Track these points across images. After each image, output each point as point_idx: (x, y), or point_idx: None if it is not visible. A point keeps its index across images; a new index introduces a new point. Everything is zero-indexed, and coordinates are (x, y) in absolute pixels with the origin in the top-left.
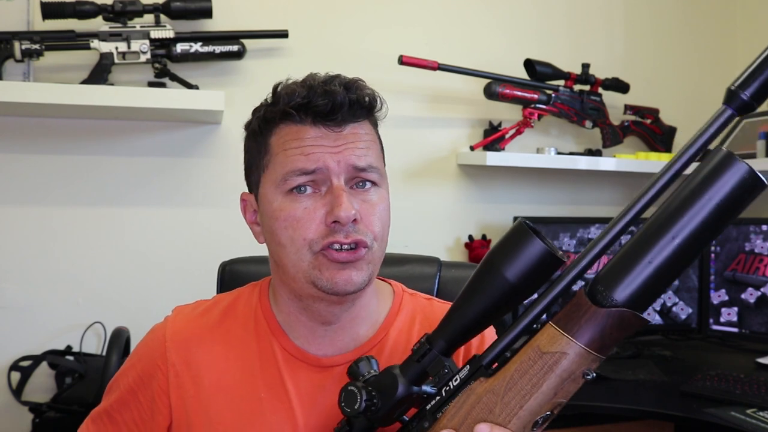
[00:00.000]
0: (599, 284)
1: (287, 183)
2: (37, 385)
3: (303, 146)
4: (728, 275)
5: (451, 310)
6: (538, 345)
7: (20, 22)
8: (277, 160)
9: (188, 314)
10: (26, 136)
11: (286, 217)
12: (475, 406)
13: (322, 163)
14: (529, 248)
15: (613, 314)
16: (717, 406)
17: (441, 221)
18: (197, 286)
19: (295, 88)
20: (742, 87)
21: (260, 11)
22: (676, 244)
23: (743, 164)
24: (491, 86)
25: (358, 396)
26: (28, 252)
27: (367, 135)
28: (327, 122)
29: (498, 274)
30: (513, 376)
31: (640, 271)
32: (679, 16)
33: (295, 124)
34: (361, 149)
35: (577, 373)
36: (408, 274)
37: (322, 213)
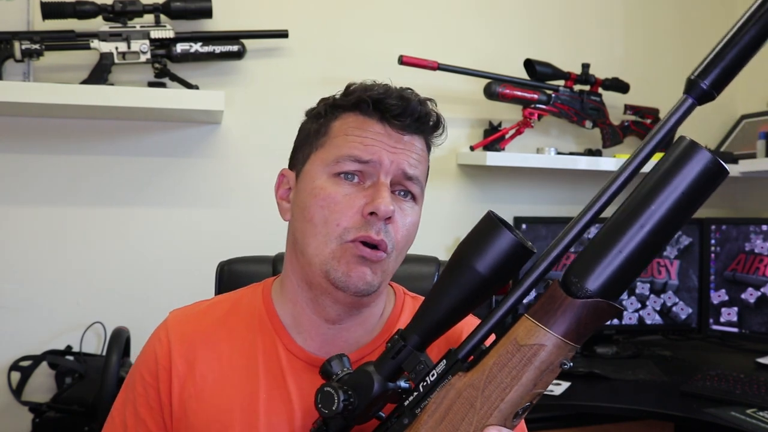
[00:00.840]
0: (572, 275)
1: (338, 165)
2: (37, 385)
3: (364, 136)
4: (728, 275)
5: (423, 304)
6: (515, 338)
7: (20, 22)
8: (334, 143)
9: (189, 314)
10: (26, 136)
11: (326, 196)
12: (456, 400)
13: (377, 156)
14: (498, 240)
15: (588, 305)
16: (717, 406)
17: (441, 221)
18: (198, 286)
19: (374, 85)
20: (701, 76)
21: (260, 11)
22: (645, 233)
23: (706, 152)
24: (491, 86)
25: (336, 396)
26: (28, 252)
27: (422, 151)
28: (394, 123)
29: (469, 267)
30: (492, 369)
31: (611, 261)
32: (679, 16)
33: (363, 116)
34: (414, 159)
35: (555, 363)
36: (406, 274)
37: (361, 203)
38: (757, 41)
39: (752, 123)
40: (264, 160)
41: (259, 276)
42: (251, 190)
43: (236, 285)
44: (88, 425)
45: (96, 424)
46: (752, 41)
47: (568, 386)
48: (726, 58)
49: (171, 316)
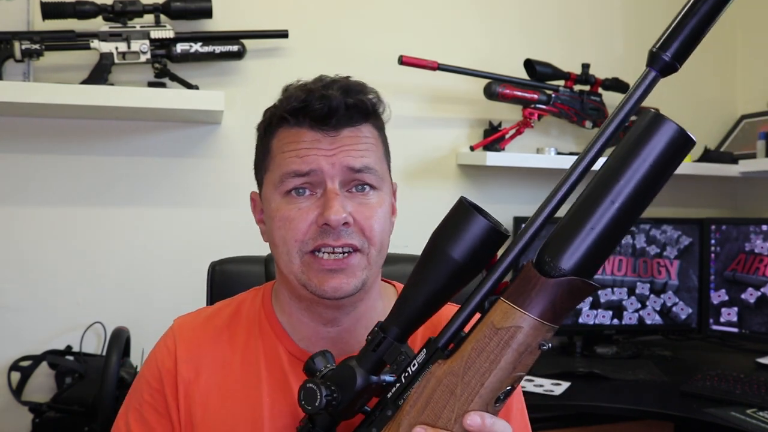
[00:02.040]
0: (545, 255)
1: (284, 185)
2: (37, 385)
3: (299, 149)
4: (728, 275)
5: (401, 294)
6: (492, 321)
7: (20, 22)
8: (276, 162)
9: (193, 322)
10: (26, 136)
11: (281, 217)
12: (436, 389)
13: (316, 165)
14: (472, 225)
15: (563, 283)
16: (717, 406)
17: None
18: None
19: (294, 93)
20: (662, 48)
21: (260, 11)
22: (615, 208)
23: (672, 123)
24: (491, 86)
25: (318, 392)
26: (28, 252)
27: (366, 138)
28: (323, 126)
29: (444, 254)
30: (470, 355)
31: (583, 238)
32: None
33: (292, 128)
34: (359, 151)
35: (533, 345)
36: (401, 273)
37: (314, 215)
38: (716, 10)
39: (752, 123)
40: None
41: (250, 276)
42: (251, 190)
43: (228, 285)
44: (88, 425)
45: (96, 424)
46: (711, 10)
47: (568, 386)
48: (686, 29)
49: (176, 323)
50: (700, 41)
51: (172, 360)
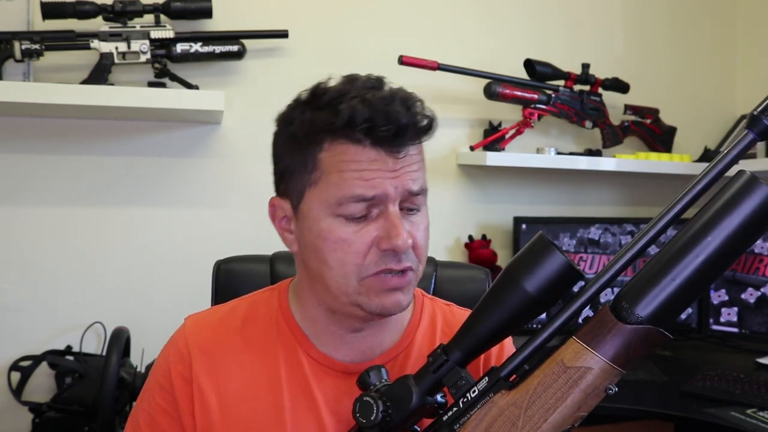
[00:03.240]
0: (623, 300)
1: (341, 207)
2: (37, 385)
3: (362, 170)
4: (728, 275)
5: (468, 320)
6: (562, 359)
7: (20, 22)
8: (330, 180)
9: (206, 322)
10: (26, 136)
11: (336, 239)
12: (497, 418)
13: (382, 189)
14: (549, 261)
15: (639, 331)
16: (717, 406)
17: (441, 221)
18: (198, 286)
19: (355, 105)
20: (765, 112)
21: (260, 11)
22: (699, 262)
23: (766, 187)
24: (491, 86)
25: (374, 407)
26: (28, 252)
27: (419, 155)
28: (388, 146)
29: (518, 286)
30: (536, 389)
31: (663, 288)
32: (679, 15)
33: (352, 144)
34: (416, 172)
35: (600, 388)
36: None
37: (374, 236)
38: None
39: None
40: (264, 160)
41: (256, 275)
42: (251, 190)
43: (233, 284)
44: (88, 425)
45: (96, 424)
46: None
47: None
48: None
49: (188, 323)
50: None
51: (184, 363)
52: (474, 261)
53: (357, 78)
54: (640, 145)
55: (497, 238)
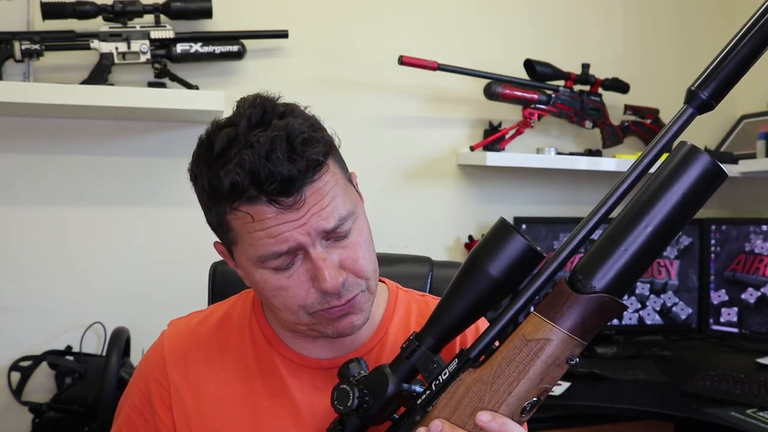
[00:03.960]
0: (578, 273)
1: (264, 264)
2: (37, 385)
3: (267, 228)
4: (728, 275)
5: (438, 307)
6: (523, 333)
7: (20, 22)
8: (245, 240)
9: (183, 327)
10: (26, 136)
11: (273, 288)
12: (465, 395)
13: (293, 240)
14: (511, 245)
15: (594, 300)
16: (717, 406)
17: (441, 221)
18: (198, 287)
19: (233, 171)
20: (700, 87)
21: (260, 11)
22: (648, 232)
23: (706, 156)
24: (491, 86)
25: (351, 394)
26: (28, 252)
27: (328, 184)
28: (281, 198)
29: (482, 271)
30: (500, 364)
31: (616, 259)
32: (679, 16)
33: (250, 205)
34: (327, 209)
35: (561, 358)
36: (400, 274)
37: (307, 279)
38: (754, 54)
39: (752, 123)
40: None
41: None
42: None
43: (229, 286)
44: (88, 425)
45: (96, 424)
46: (749, 54)
47: (568, 386)
48: (724, 70)
49: (169, 328)
50: (736, 83)
51: (159, 368)
52: None
53: (241, 117)
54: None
55: None
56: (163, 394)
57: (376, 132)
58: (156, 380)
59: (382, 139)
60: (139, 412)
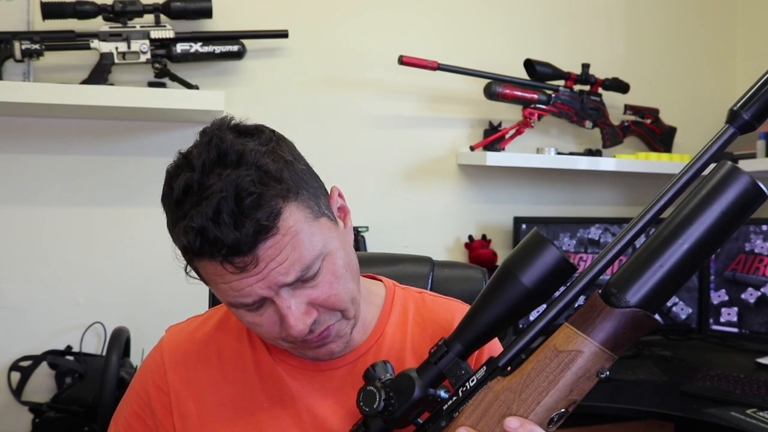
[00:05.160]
0: (612, 287)
1: (236, 311)
2: (37, 385)
3: (229, 282)
4: (728, 275)
5: (468, 314)
6: (554, 344)
7: (20, 22)
8: (214, 288)
9: (181, 333)
10: (26, 136)
11: (249, 322)
12: (493, 403)
13: (256, 294)
14: (545, 255)
15: (627, 314)
16: (717, 406)
17: (441, 221)
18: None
19: (185, 234)
20: (743, 107)
21: (260, 11)
22: (685, 249)
23: (747, 176)
24: (491, 86)
25: (377, 396)
26: (28, 252)
27: (286, 236)
28: (235, 259)
29: (515, 281)
30: (530, 374)
31: (651, 275)
32: (680, 16)
33: (210, 262)
34: (285, 264)
35: (592, 371)
36: (401, 274)
37: (278, 318)
38: None
39: None
40: None
41: None
42: None
43: None
44: (88, 425)
45: (96, 424)
46: None
47: None
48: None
49: (167, 334)
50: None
51: (159, 374)
52: (474, 261)
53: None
54: (640, 145)
55: (497, 238)
56: (163, 399)
57: (376, 132)
58: (156, 386)
59: (382, 139)
60: (139, 418)
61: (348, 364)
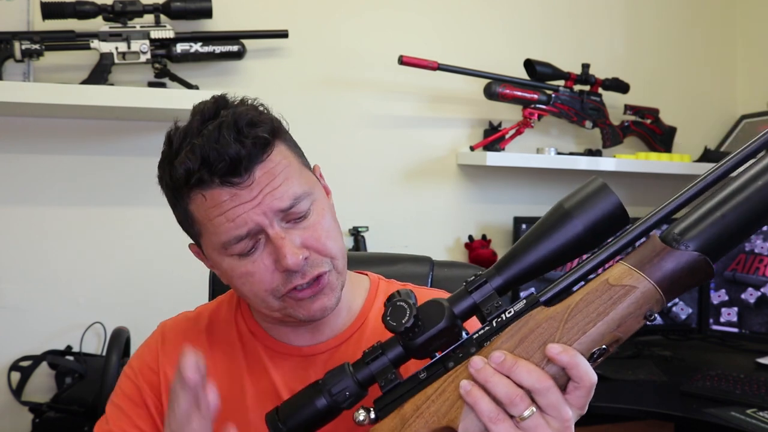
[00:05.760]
0: (674, 230)
1: (227, 250)
2: (37, 385)
3: (225, 212)
4: (728, 275)
5: (514, 249)
6: (607, 278)
7: (20, 22)
8: (207, 229)
9: (175, 325)
10: (26, 136)
11: (240, 274)
12: (534, 330)
13: (252, 222)
14: (603, 200)
15: (687, 256)
16: (717, 406)
17: (441, 221)
18: (198, 287)
19: (185, 155)
20: None
21: (260, 11)
22: (750, 206)
23: None
24: (491, 86)
25: (408, 311)
26: (28, 252)
27: (279, 165)
28: (233, 178)
29: (569, 221)
30: (578, 305)
31: (713, 224)
32: (680, 16)
33: (205, 191)
34: (279, 189)
35: (642, 309)
36: (400, 274)
37: (270, 261)
38: None
39: (752, 123)
40: None
41: None
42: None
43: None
44: (88, 425)
45: None
46: None
47: None
48: None
49: (161, 326)
50: None
51: (154, 358)
52: (474, 261)
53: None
54: (640, 145)
55: (497, 238)
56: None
57: (376, 132)
58: (150, 368)
59: (382, 139)
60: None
61: (331, 349)
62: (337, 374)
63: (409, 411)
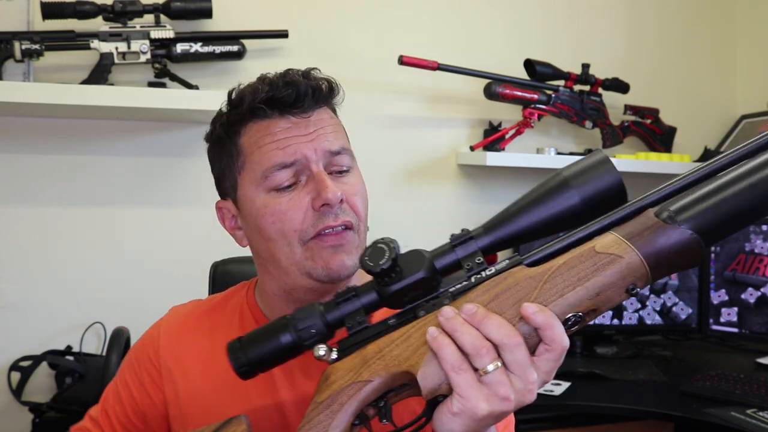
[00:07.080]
0: (670, 206)
1: (268, 180)
2: (37, 385)
3: (277, 140)
4: (728, 275)
5: (505, 211)
6: (593, 246)
7: (20, 22)
8: (253, 159)
9: (180, 312)
10: (26, 136)
11: (272, 212)
12: (512, 287)
13: (300, 153)
14: (605, 174)
15: (679, 234)
16: (717, 406)
17: (441, 221)
18: (198, 286)
19: (257, 86)
20: None
21: (260, 11)
22: (752, 193)
23: None
24: (491, 86)
25: (387, 254)
26: (28, 252)
27: (332, 119)
28: (295, 111)
29: (567, 190)
30: (560, 268)
31: (713, 206)
32: (680, 16)
33: (263, 120)
34: (331, 135)
35: (626, 280)
36: None
37: (307, 200)
38: None
39: (752, 123)
40: None
41: (252, 276)
42: None
43: (229, 285)
44: None
45: None
46: None
47: (568, 386)
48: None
49: (169, 312)
50: None
51: (155, 346)
52: None
53: (265, 74)
54: (640, 146)
55: None
56: (154, 374)
57: (376, 132)
58: (150, 359)
59: (382, 139)
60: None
61: None
62: (306, 311)
63: (372, 352)
